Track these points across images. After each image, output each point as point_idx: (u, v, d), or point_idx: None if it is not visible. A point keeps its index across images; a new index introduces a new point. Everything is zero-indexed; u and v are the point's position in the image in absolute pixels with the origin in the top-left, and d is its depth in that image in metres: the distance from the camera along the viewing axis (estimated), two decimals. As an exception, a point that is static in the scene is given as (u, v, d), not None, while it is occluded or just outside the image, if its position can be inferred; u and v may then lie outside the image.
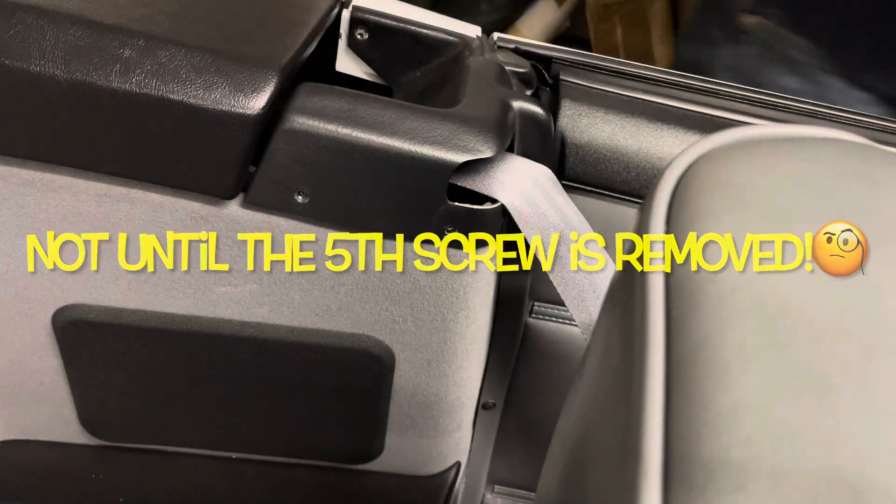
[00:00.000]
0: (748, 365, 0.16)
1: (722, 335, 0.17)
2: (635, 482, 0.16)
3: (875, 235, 0.18)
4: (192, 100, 0.39)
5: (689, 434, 0.16)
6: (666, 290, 0.19)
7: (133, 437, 0.60)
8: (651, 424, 0.17)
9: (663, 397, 0.17)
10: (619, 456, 0.17)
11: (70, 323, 0.50)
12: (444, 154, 0.42)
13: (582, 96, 0.51)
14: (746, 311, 0.17)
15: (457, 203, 0.44)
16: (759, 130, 0.22)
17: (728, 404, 0.16)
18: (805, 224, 0.18)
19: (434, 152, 0.41)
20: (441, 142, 0.42)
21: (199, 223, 0.46)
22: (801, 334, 0.16)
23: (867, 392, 0.15)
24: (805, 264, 0.18)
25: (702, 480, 0.15)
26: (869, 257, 0.17)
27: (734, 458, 0.15)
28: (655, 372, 0.17)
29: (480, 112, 0.44)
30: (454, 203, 0.43)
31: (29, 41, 0.39)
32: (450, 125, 0.42)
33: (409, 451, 0.60)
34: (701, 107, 0.52)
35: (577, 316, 0.46)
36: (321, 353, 0.52)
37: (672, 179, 0.21)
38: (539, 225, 0.45)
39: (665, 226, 0.20)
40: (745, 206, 0.19)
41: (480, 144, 0.42)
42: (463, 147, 0.42)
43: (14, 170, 0.44)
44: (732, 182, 0.20)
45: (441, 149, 0.42)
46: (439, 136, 0.42)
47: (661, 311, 0.18)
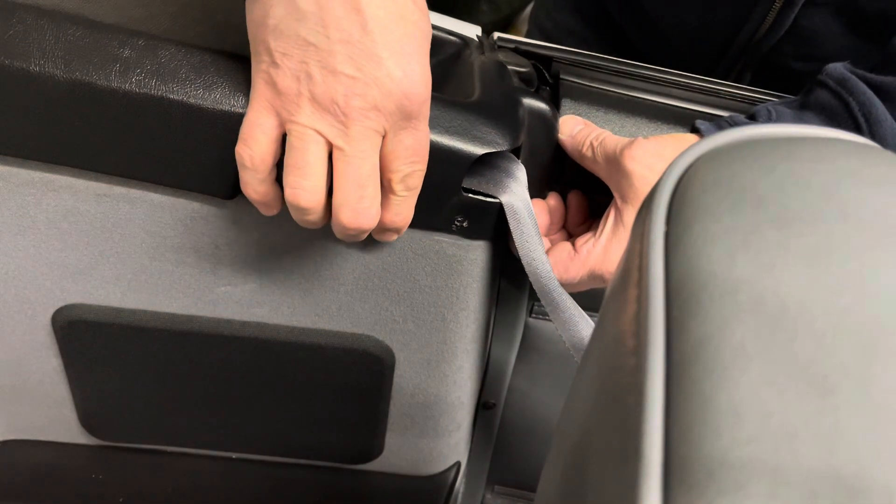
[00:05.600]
0: (748, 365, 0.16)
1: (722, 335, 0.17)
2: (635, 482, 0.16)
3: (875, 235, 0.18)
4: (192, 100, 0.39)
5: (689, 434, 0.16)
6: (666, 290, 0.19)
7: (133, 437, 0.60)
8: (651, 424, 0.17)
9: (663, 397, 0.17)
10: (619, 456, 0.17)
11: (70, 323, 0.50)
12: (464, 145, 0.41)
13: (582, 96, 0.51)
14: (747, 311, 0.17)
15: (470, 195, 0.43)
16: (759, 130, 0.22)
17: (728, 404, 0.16)
18: (805, 224, 0.18)
19: (454, 142, 0.41)
20: (461, 132, 0.41)
21: (199, 223, 0.46)
22: (801, 334, 0.16)
23: (867, 392, 0.15)
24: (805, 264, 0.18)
25: (702, 480, 0.15)
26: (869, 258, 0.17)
27: (734, 458, 0.15)
28: (655, 372, 0.17)
29: (497, 105, 0.44)
30: (468, 194, 0.43)
31: (29, 41, 0.39)
32: (469, 116, 0.42)
33: (409, 451, 0.61)
34: (701, 107, 0.52)
35: (565, 335, 0.44)
36: (321, 353, 0.52)
37: (672, 179, 0.21)
38: (531, 236, 0.45)
39: (665, 225, 0.20)
40: (745, 205, 0.19)
41: (499, 137, 0.42)
42: (482, 139, 0.41)
43: (14, 170, 0.44)
44: (732, 182, 0.20)
45: (461, 139, 0.41)
46: (459, 127, 0.41)
47: (661, 311, 0.18)
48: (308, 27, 0.33)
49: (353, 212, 0.36)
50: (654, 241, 0.20)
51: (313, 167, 0.35)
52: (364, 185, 0.36)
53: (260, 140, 0.36)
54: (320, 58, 0.33)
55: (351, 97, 0.33)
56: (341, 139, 0.34)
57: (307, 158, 0.35)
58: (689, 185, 0.20)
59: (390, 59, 0.33)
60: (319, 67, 0.33)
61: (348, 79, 0.33)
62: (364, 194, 0.36)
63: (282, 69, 0.34)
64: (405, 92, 0.34)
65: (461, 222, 0.44)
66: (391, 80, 0.34)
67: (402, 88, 0.34)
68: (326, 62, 0.33)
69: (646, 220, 0.21)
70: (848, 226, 0.18)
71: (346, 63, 0.33)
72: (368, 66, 0.33)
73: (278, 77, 0.34)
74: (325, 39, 0.33)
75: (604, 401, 0.21)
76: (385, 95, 0.34)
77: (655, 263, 0.19)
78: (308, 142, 0.35)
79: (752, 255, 0.18)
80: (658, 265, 0.19)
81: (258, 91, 0.35)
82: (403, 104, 0.34)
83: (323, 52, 0.33)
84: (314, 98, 0.34)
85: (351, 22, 0.33)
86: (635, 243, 0.22)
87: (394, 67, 0.34)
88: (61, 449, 0.60)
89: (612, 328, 0.22)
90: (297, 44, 0.33)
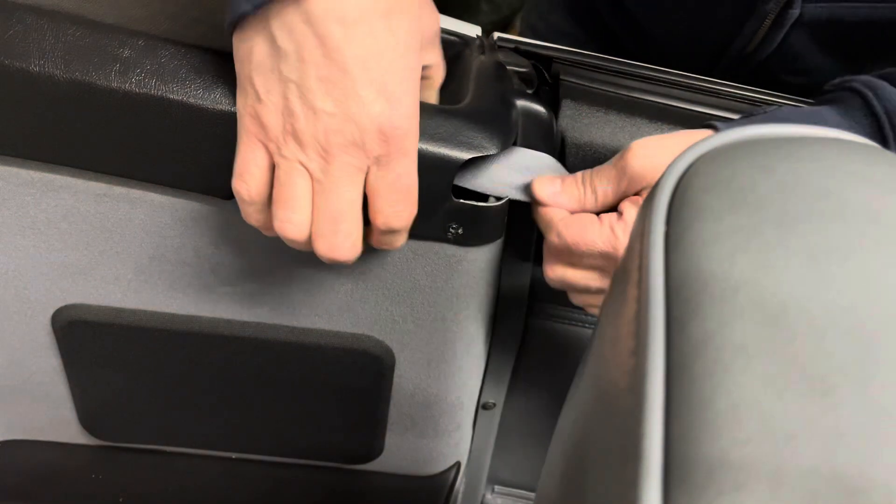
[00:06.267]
0: (748, 365, 0.16)
1: (722, 335, 0.17)
2: (635, 482, 0.16)
3: (875, 235, 0.18)
4: (192, 100, 0.39)
5: (689, 434, 0.16)
6: (666, 290, 0.19)
7: (133, 437, 0.60)
8: (651, 424, 0.17)
9: (663, 397, 0.17)
10: (619, 456, 0.17)
11: (70, 323, 0.50)
12: (450, 151, 0.41)
13: (582, 96, 0.51)
14: (747, 311, 0.17)
15: (462, 200, 0.43)
16: (759, 130, 0.22)
17: (728, 404, 0.16)
18: (805, 224, 0.18)
19: (439, 149, 0.41)
20: (446, 138, 0.42)
21: (199, 223, 0.46)
22: (801, 334, 0.16)
23: (867, 392, 0.15)
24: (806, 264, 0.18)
25: (702, 480, 0.15)
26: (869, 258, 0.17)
27: (734, 458, 0.15)
28: (655, 372, 0.17)
29: (485, 109, 0.44)
30: (459, 200, 0.43)
31: (28, 41, 0.39)
32: (455, 122, 0.42)
33: (409, 451, 0.61)
34: (701, 107, 0.52)
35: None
36: (321, 353, 0.52)
37: (672, 179, 0.21)
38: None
39: (665, 225, 0.20)
40: (745, 205, 0.19)
41: (486, 141, 0.42)
42: (468, 144, 0.42)
43: (14, 170, 0.44)
44: (733, 182, 0.20)
45: (446, 145, 0.41)
46: (444, 133, 0.42)
47: (661, 311, 0.18)
48: (288, 65, 0.33)
49: (328, 244, 0.37)
50: (654, 241, 0.20)
51: (300, 200, 0.36)
52: (338, 221, 0.36)
53: (254, 173, 0.36)
54: (300, 94, 0.33)
55: (330, 133, 0.34)
56: (321, 173, 0.35)
57: (294, 192, 0.35)
58: (689, 185, 0.20)
59: (370, 96, 0.34)
60: (300, 104, 0.34)
61: (327, 115, 0.34)
62: (338, 229, 0.36)
63: (265, 105, 0.34)
64: (383, 128, 0.34)
65: (456, 229, 0.45)
66: (369, 116, 0.34)
67: (379, 124, 0.34)
68: (306, 98, 0.33)
69: (646, 220, 0.21)
70: (848, 226, 0.18)
71: (325, 100, 0.33)
72: (347, 102, 0.34)
73: (263, 113, 0.34)
74: (304, 77, 0.33)
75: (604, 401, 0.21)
76: (364, 131, 0.34)
77: (655, 263, 0.19)
78: (295, 176, 0.35)
79: (752, 255, 0.18)
80: (658, 265, 0.19)
81: (245, 126, 0.36)
82: (383, 140, 0.35)
83: (303, 88, 0.33)
84: (296, 134, 0.34)
85: (329, 62, 0.33)
86: (635, 243, 0.22)
87: (373, 104, 0.34)
88: (61, 449, 0.60)
89: (612, 328, 0.22)
90: (279, 80, 0.34)
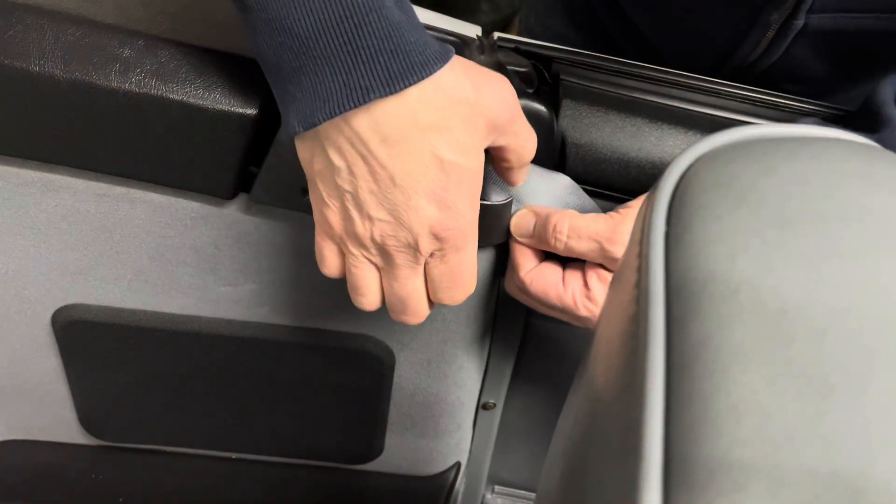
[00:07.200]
0: (748, 365, 0.16)
1: (722, 335, 0.17)
2: (635, 482, 0.16)
3: (875, 235, 0.18)
4: (192, 100, 0.39)
5: (689, 434, 0.16)
6: (666, 289, 0.19)
7: (133, 437, 0.60)
8: (651, 424, 0.17)
9: (663, 397, 0.17)
10: (619, 456, 0.17)
11: (70, 323, 0.50)
12: None
13: (582, 96, 0.50)
14: (747, 311, 0.17)
15: None
16: (759, 130, 0.22)
17: (728, 404, 0.16)
18: (805, 224, 0.18)
19: None
20: None
21: (199, 223, 0.46)
22: (801, 334, 0.16)
23: (867, 392, 0.15)
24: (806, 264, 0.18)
25: (702, 480, 0.15)
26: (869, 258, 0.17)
27: (734, 458, 0.15)
28: (655, 372, 0.17)
29: None
30: None
31: (28, 41, 0.39)
32: None
33: (409, 451, 0.61)
34: (701, 107, 0.52)
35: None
36: (321, 353, 0.52)
37: (672, 179, 0.21)
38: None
39: (665, 225, 0.20)
40: (745, 205, 0.19)
41: None
42: None
43: (14, 170, 0.44)
44: (733, 182, 0.20)
45: None
46: None
47: (661, 311, 0.18)
48: (342, 178, 0.36)
49: (398, 315, 0.42)
50: (654, 241, 0.20)
51: (367, 287, 0.40)
52: (406, 301, 0.40)
53: (329, 258, 0.40)
54: (356, 204, 0.37)
55: (386, 237, 0.37)
56: (385, 265, 0.39)
57: (360, 281, 0.40)
58: (689, 185, 0.20)
59: (421, 204, 0.36)
60: (357, 212, 0.37)
61: (382, 222, 0.37)
62: (406, 306, 0.41)
63: (330, 208, 0.38)
64: (435, 230, 0.37)
65: None
66: (420, 222, 0.37)
67: (431, 226, 0.37)
68: (362, 209, 0.37)
69: (646, 220, 0.21)
70: (848, 226, 0.18)
71: (378, 210, 0.36)
72: (398, 211, 0.36)
73: (328, 214, 0.38)
74: (357, 189, 0.36)
75: (604, 401, 0.21)
76: (417, 235, 0.37)
77: (655, 263, 0.19)
78: (361, 268, 0.40)
79: (752, 255, 0.18)
80: (658, 265, 0.19)
81: (317, 219, 0.39)
82: (436, 240, 0.38)
83: (357, 199, 0.36)
84: (356, 236, 0.38)
85: (378, 177, 0.36)
86: (635, 243, 0.22)
87: (425, 209, 0.36)
88: (61, 449, 0.60)
89: (612, 328, 0.22)
90: (336, 189, 0.37)
